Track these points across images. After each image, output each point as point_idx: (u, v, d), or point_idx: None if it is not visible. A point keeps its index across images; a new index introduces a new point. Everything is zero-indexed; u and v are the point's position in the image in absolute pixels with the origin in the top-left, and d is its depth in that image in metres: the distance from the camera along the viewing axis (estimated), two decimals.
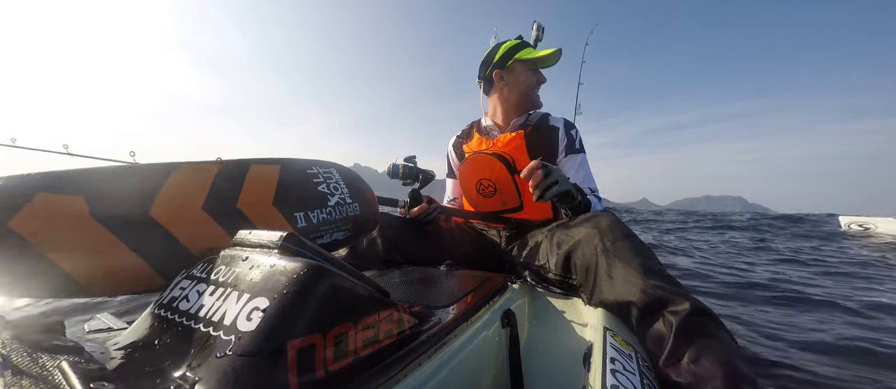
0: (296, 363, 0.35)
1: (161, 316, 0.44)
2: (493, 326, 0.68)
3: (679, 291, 0.71)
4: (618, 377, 0.51)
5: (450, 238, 1.35)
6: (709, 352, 0.61)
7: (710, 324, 0.66)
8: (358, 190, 0.90)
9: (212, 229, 0.61)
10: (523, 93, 1.39)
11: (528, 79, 1.39)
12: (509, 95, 1.40)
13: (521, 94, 1.39)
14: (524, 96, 1.39)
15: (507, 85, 1.40)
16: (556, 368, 0.75)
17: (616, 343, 0.61)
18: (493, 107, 1.48)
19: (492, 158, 1.30)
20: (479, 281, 0.82)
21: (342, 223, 0.82)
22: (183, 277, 0.49)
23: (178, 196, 0.60)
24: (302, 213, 0.74)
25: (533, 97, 1.41)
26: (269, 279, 0.40)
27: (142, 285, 0.56)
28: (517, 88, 1.39)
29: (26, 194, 0.47)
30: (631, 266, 0.76)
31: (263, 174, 0.72)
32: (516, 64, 1.38)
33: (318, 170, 0.84)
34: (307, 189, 0.78)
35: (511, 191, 1.30)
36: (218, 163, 0.68)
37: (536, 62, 1.40)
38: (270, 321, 0.36)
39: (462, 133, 1.60)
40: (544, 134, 1.36)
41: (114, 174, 0.57)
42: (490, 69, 1.41)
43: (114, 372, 0.37)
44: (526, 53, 1.37)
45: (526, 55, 1.37)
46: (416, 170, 1.34)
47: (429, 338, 0.51)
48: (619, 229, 0.85)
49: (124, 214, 0.53)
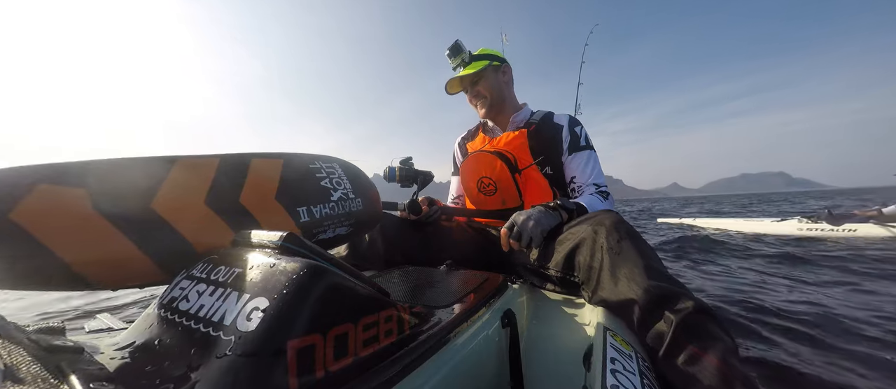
0: (295, 363, 0.35)
1: (161, 316, 0.44)
2: (493, 326, 0.68)
3: (681, 290, 0.71)
4: (618, 377, 0.51)
5: (450, 237, 1.35)
6: (707, 351, 0.61)
7: (710, 323, 0.66)
8: (361, 185, 0.90)
9: (214, 223, 0.60)
10: (500, 93, 1.45)
11: (495, 81, 1.46)
12: (494, 100, 1.45)
13: (498, 95, 1.46)
14: (499, 97, 1.45)
15: (486, 88, 1.45)
16: (556, 368, 0.75)
17: (616, 344, 0.61)
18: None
19: (493, 157, 1.30)
20: (479, 281, 0.82)
21: (345, 218, 0.82)
22: (183, 277, 0.49)
23: (181, 189, 0.59)
24: (305, 208, 0.73)
25: (509, 98, 1.48)
26: (269, 279, 0.40)
27: (143, 279, 0.55)
28: (493, 91, 1.45)
29: (27, 185, 0.47)
30: (635, 265, 0.76)
31: (266, 168, 0.72)
32: (489, 69, 1.44)
33: (320, 164, 0.83)
34: (310, 184, 0.78)
35: (512, 190, 1.30)
36: (218, 157, 0.67)
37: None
38: (270, 321, 0.36)
39: (468, 132, 1.63)
40: (547, 132, 1.36)
41: (116, 166, 0.56)
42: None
43: (114, 372, 0.37)
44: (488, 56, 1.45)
45: (482, 61, 1.44)
46: (413, 172, 1.32)
47: (429, 338, 0.51)
48: (623, 228, 0.85)
49: (126, 207, 0.53)
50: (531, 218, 1.00)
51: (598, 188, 1.25)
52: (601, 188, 1.26)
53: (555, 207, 1.05)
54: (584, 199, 1.18)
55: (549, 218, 1.02)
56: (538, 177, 1.32)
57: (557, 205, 1.06)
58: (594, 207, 1.15)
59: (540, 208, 1.04)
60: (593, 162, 1.32)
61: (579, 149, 1.33)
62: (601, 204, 1.19)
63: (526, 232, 0.98)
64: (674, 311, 0.67)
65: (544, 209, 1.04)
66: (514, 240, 1.00)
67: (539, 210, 1.03)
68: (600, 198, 1.21)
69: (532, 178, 1.32)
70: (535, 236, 0.97)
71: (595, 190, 1.24)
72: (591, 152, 1.34)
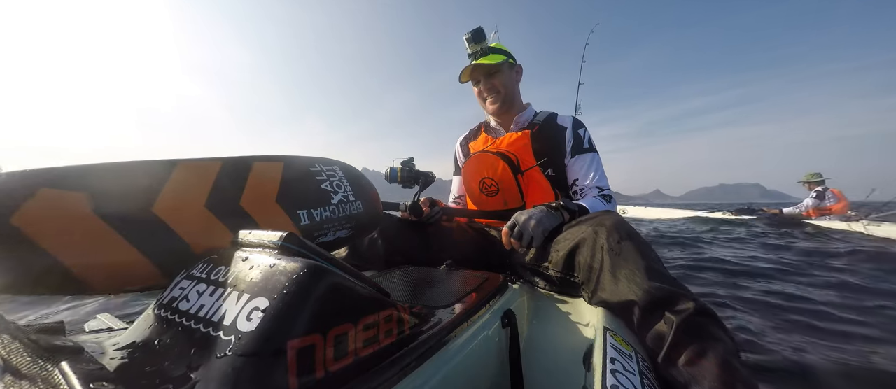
0: (296, 363, 0.35)
1: (161, 316, 0.44)
2: (493, 326, 0.68)
3: (682, 291, 0.71)
4: (618, 377, 0.51)
5: (450, 238, 1.35)
6: (707, 352, 0.61)
7: (711, 325, 0.66)
8: (361, 188, 0.90)
9: (215, 226, 0.60)
10: (509, 92, 1.42)
11: (494, 81, 1.40)
12: (504, 97, 1.43)
13: (507, 94, 1.42)
14: (506, 95, 1.42)
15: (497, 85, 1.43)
16: (557, 368, 0.75)
17: (616, 344, 0.61)
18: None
19: (495, 157, 1.30)
20: (479, 281, 0.82)
21: (345, 221, 0.82)
22: (183, 277, 0.49)
23: (181, 193, 0.59)
24: (305, 211, 0.73)
25: (514, 97, 1.44)
26: (269, 279, 0.40)
27: (144, 282, 0.55)
28: (503, 89, 1.42)
29: (29, 190, 0.47)
30: (635, 266, 0.76)
31: (266, 171, 0.72)
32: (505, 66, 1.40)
33: (321, 167, 0.83)
34: (310, 186, 0.78)
35: (514, 191, 1.29)
36: (220, 160, 0.67)
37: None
38: (270, 321, 0.36)
39: (470, 132, 1.61)
40: (551, 134, 1.35)
41: (116, 170, 0.56)
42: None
43: (114, 372, 0.37)
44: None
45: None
46: (415, 173, 1.32)
47: (429, 338, 0.51)
48: (624, 229, 0.84)
49: (127, 211, 0.53)
50: (533, 217, 1.00)
51: (601, 191, 1.25)
52: (604, 191, 1.25)
53: (557, 208, 1.05)
54: (586, 202, 1.17)
55: (551, 218, 1.02)
56: (540, 179, 1.32)
57: (560, 206, 1.06)
58: (596, 210, 1.14)
59: (542, 208, 1.04)
60: (596, 164, 1.31)
61: (582, 151, 1.32)
62: (604, 206, 1.19)
63: (527, 231, 0.98)
64: (674, 312, 0.67)
65: (546, 209, 1.03)
66: (515, 240, 1.00)
67: (541, 210, 1.03)
68: (603, 201, 1.20)
69: (534, 180, 1.32)
70: (537, 236, 0.97)
71: (598, 193, 1.24)
72: (595, 155, 1.33)
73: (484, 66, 1.37)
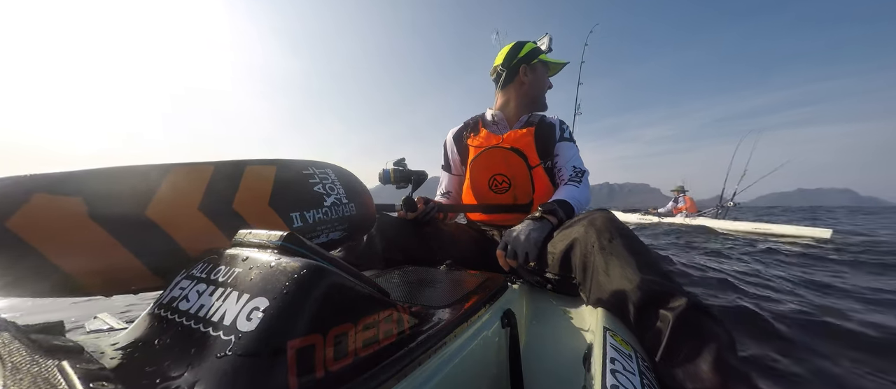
0: (295, 363, 0.35)
1: (161, 316, 0.44)
2: (493, 326, 0.68)
3: (676, 287, 0.71)
4: (618, 377, 0.51)
5: (449, 238, 1.36)
6: (703, 349, 0.61)
7: (705, 320, 0.66)
8: (354, 190, 0.91)
9: (208, 229, 0.61)
10: (541, 91, 1.48)
11: (547, 80, 1.49)
12: (529, 91, 1.45)
13: (539, 92, 1.47)
14: (540, 95, 1.48)
15: (529, 81, 1.45)
16: (556, 368, 0.75)
17: (616, 344, 0.61)
18: (506, 100, 1.49)
19: (509, 152, 1.33)
20: (478, 281, 0.82)
21: (338, 223, 0.82)
22: (183, 277, 0.49)
23: (175, 196, 0.60)
24: (298, 213, 0.74)
25: (544, 98, 1.50)
26: (269, 279, 0.40)
27: (138, 284, 0.56)
28: (537, 86, 1.46)
29: (25, 194, 0.47)
30: (627, 262, 0.76)
31: (259, 174, 0.72)
32: (539, 64, 1.45)
33: (314, 170, 0.84)
34: (303, 189, 0.78)
35: (526, 186, 1.34)
36: (213, 163, 0.68)
37: (551, 67, 1.51)
38: (270, 321, 0.36)
39: (465, 126, 1.56)
40: (546, 131, 1.42)
41: (112, 175, 0.57)
42: (516, 62, 1.44)
43: (114, 372, 0.37)
44: (546, 57, 1.48)
45: (546, 59, 1.47)
46: (407, 173, 1.35)
47: (429, 338, 0.51)
48: (614, 226, 0.85)
49: (122, 215, 0.54)
50: (521, 233, 1.01)
51: (575, 170, 1.33)
52: (578, 169, 1.33)
53: (540, 217, 1.07)
54: (561, 192, 1.23)
55: (539, 229, 1.03)
56: (544, 174, 1.37)
57: (542, 214, 1.07)
58: (572, 196, 1.18)
59: (527, 221, 1.06)
60: (574, 149, 1.42)
61: (564, 139, 1.42)
62: (577, 189, 1.24)
63: (520, 248, 0.99)
64: (669, 309, 0.67)
65: (531, 222, 1.05)
66: (510, 259, 1.01)
67: (526, 224, 1.05)
68: (575, 184, 1.27)
69: (539, 175, 1.36)
70: (530, 249, 0.98)
71: (572, 171, 1.32)
72: (572, 143, 1.44)
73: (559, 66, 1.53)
